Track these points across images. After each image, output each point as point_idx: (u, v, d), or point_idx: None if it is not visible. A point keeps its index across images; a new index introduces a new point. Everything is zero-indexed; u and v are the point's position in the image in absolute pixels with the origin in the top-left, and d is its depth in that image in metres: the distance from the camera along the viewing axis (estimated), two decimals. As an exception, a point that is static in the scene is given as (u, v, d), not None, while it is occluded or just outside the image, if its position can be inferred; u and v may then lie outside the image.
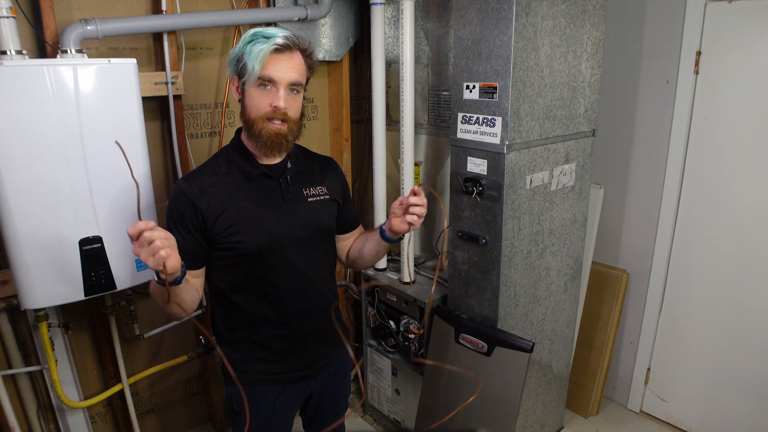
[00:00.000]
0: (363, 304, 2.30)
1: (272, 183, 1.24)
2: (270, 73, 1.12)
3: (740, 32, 1.92)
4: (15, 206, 1.37)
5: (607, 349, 2.39)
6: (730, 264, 2.09)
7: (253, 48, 1.11)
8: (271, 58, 1.12)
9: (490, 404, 1.76)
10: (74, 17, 1.67)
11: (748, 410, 2.13)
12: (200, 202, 1.16)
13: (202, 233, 1.18)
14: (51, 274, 1.46)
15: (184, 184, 1.18)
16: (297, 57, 1.16)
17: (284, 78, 1.13)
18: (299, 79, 1.16)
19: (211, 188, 1.18)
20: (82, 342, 1.94)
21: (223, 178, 1.20)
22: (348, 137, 2.42)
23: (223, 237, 1.18)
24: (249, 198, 1.21)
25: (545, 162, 1.76)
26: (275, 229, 1.22)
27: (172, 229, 1.15)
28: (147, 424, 2.18)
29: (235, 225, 1.18)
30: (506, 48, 1.53)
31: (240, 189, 1.21)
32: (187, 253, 1.15)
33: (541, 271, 1.90)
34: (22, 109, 1.34)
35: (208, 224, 1.17)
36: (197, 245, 1.18)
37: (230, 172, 1.22)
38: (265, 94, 1.14)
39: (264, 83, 1.13)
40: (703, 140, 2.08)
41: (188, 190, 1.17)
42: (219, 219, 1.17)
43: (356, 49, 2.40)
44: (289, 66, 1.14)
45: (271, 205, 1.23)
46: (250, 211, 1.20)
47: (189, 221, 1.16)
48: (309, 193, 1.30)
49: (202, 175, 1.20)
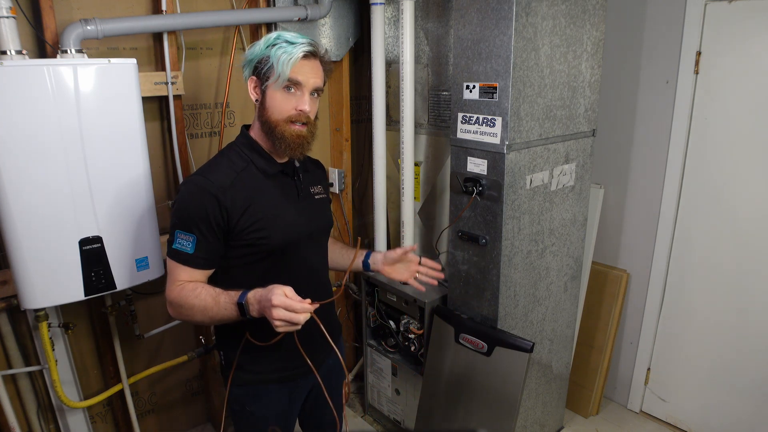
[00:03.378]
0: (363, 304, 2.30)
1: (289, 180, 1.28)
2: (298, 77, 1.15)
3: (740, 32, 1.92)
4: (15, 206, 1.37)
5: (607, 349, 2.39)
6: (730, 264, 2.09)
7: (279, 52, 1.14)
8: (300, 63, 1.15)
9: (490, 404, 1.76)
10: (74, 17, 1.67)
11: (748, 410, 2.13)
12: (225, 198, 1.15)
13: (224, 231, 1.17)
14: (51, 274, 1.46)
15: (203, 180, 1.16)
16: (318, 63, 1.20)
17: (310, 83, 1.17)
18: (321, 84, 1.21)
19: (232, 185, 1.17)
20: (82, 342, 1.94)
21: (242, 175, 1.20)
22: (348, 137, 2.42)
23: (247, 233, 1.18)
24: (270, 194, 1.23)
25: (545, 162, 1.76)
26: (295, 225, 1.26)
27: (191, 228, 1.14)
28: (147, 424, 2.18)
29: (259, 221, 1.19)
30: (506, 48, 1.53)
31: (260, 185, 1.22)
32: (209, 252, 1.17)
33: (541, 271, 1.90)
34: (22, 109, 1.34)
35: (232, 221, 1.16)
36: (218, 244, 1.18)
37: (247, 168, 1.22)
38: (289, 97, 1.17)
39: (289, 86, 1.16)
40: (703, 140, 2.08)
41: (211, 186, 1.15)
42: (244, 215, 1.17)
43: (356, 49, 2.40)
44: (314, 72, 1.18)
45: (290, 201, 1.27)
46: (272, 207, 1.22)
47: (213, 219, 1.14)
48: (315, 191, 1.36)
49: (219, 172, 1.19)
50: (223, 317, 1.12)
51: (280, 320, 1.01)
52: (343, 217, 2.50)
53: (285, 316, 1.00)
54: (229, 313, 1.10)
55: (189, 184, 1.17)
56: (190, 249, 1.14)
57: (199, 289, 1.14)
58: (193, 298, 1.13)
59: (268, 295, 1.02)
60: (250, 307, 1.08)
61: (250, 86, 1.22)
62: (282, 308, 1.00)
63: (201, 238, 1.14)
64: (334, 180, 2.44)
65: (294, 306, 1.00)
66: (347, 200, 2.50)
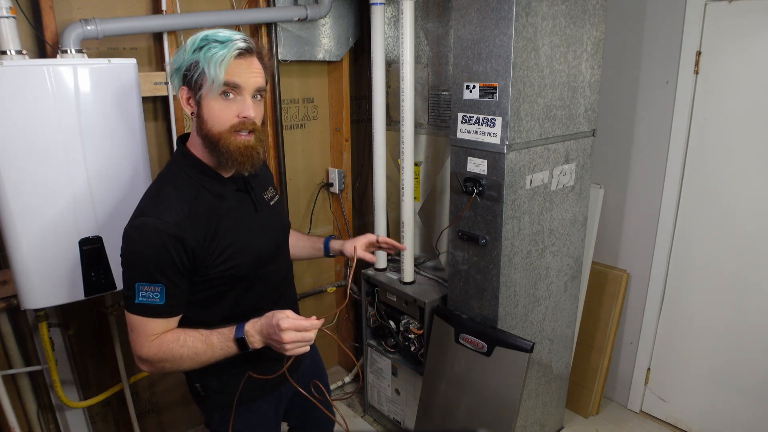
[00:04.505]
0: (363, 304, 2.30)
1: (243, 195, 1.17)
2: (235, 79, 1.01)
3: (740, 32, 1.91)
4: (15, 206, 1.37)
5: (607, 349, 2.39)
6: (730, 263, 2.09)
7: (209, 54, 1.00)
8: (235, 63, 1.01)
9: (490, 404, 1.76)
10: (74, 17, 1.66)
11: (748, 410, 2.13)
12: (187, 237, 1.02)
13: (189, 273, 1.06)
14: (51, 274, 1.46)
15: (158, 222, 1.01)
16: (255, 60, 1.06)
17: (250, 83, 1.04)
18: (263, 84, 1.08)
19: (189, 219, 1.04)
20: (82, 342, 1.93)
21: (195, 205, 1.07)
22: (348, 137, 2.42)
23: (214, 267, 1.08)
24: (230, 218, 1.12)
25: (545, 162, 1.76)
26: (260, 242, 1.17)
27: (156, 277, 1.02)
28: (147, 424, 2.18)
29: (227, 250, 1.09)
30: (506, 48, 1.53)
31: (218, 211, 1.10)
32: (180, 297, 1.07)
33: (541, 271, 1.90)
34: (22, 109, 1.34)
35: (198, 260, 1.06)
36: (185, 287, 1.07)
37: (199, 195, 1.08)
38: (229, 104, 1.03)
39: (227, 91, 1.02)
40: (703, 140, 2.08)
41: (169, 227, 1.01)
42: (210, 249, 1.07)
43: (356, 49, 2.40)
44: (252, 71, 1.04)
45: (249, 218, 1.17)
46: (235, 232, 1.12)
47: (179, 263, 1.03)
48: (267, 196, 1.26)
49: (171, 207, 1.04)
50: (218, 358, 1.07)
51: (292, 342, 1.00)
52: (343, 217, 2.50)
53: (297, 336, 0.99)
54: (225, 351, 1.06)
55: (142, 228, 1.02)
56: (160, 300, 1.03)
57: (182, 337, 1.06)
58: (179, 348, 1.05)
59: (273, 322, 1.01)
60: (251, 339, 1.04)
61: (183, 98, 1.07)
62: (292, 330, 0.99)
63: (170, 285, 1.03)
64: (334, 180, 2.44)
65: (304, 325, 1.00)
66: (347, 200, 2.50)
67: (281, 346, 1.01)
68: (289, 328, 0.99)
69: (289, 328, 0.99)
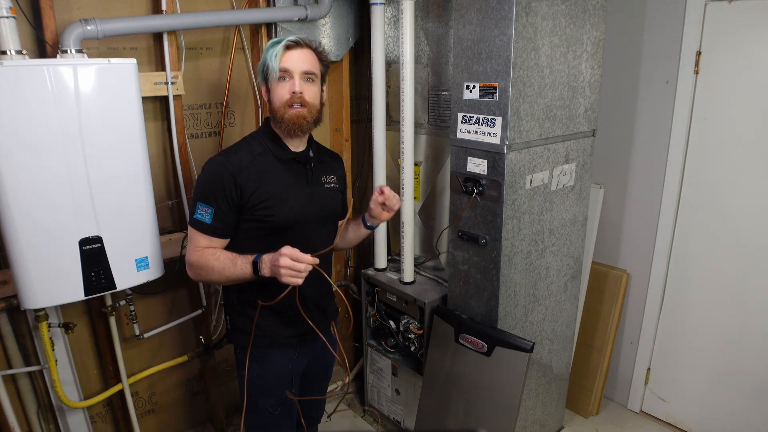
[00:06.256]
0: (363, 304, 2.30)
1: (300, 167, 1.43)
2: (285, 65, 1.32)
3: (740, 32, 1.92)
4: (15, 206, 1.37)
5: (607, 349, 2.39)
6: (730, 263, 2.09)
7: (269, 53, 1.33)
8: (285, 54, 1.32)
9: (490, 404, 1.76)
10: (74, 17, 1.66)
11: (748, 410, 2.13)
12: (240, 177, 1.31)
13: (237, 206, 1.32)
14: (51, 274, 1.46)
15: (223, 160, 1.33)
16: (307, 52, 1.35)
17: (297, 67, 1.32)
18: (311, 68, 1.34)
19: (248, 166, 1.33)
20: (82, 342, 1.93)
21: (258, 159, 1.36)
22: (348, 137, 2.42)
23: (255, 210, 1.33)
24: (280, 178, 1.38)
25: (545, 162, 1.76)
26: (300, 208, 1.40)
27: (209, 201, 1.30)
28: (147, 424, 2.18)
29: (267, 200, 1.34)
30: (506, 48, 1.53)
31: (273, 169, 1.37)
32: (225, 223, 1.33)
33: (541, 271, 1.90)
34: (22, 109, 1.34)
35: (244, 198, 1.32)
36: (232, 217, 1.34)
37: (264, 153, 1.38)
38: (284, 85, 1.33)
39: (283, 76, 1.32)
40: (703, 140, 2.08)
41: (229, 165, 1.31)
42: (254, 194, 1.32)
43: (356, 49, 2.40)
44: (301, 58, 1.33)
45: (299, 186, 1.41)
46: (280, 189, 1.37)
47: (228, 194, 1.30)
48: (325, 180, 1.49)
49: (238, 153, 1.35)
50: (238, 276, 1.30)
51: (285, 268, 1.17)
52: (343, 217, 2.50)
53: (290, 264, 1.17)
54: (244, 272, 1.28)
55: (212, 162, 1.34)
56: (209, 219, 1.31)
57: (218, 254, 1.32)
58: (214, 260, 1.31)
59: (279, 251, 1.20)
60: (262, 266, 1.25)
61: (262, 91, 1.39)
62: (288, 257, 1.18)
63: (218, 210, 1.31)
64: (334, 180, 2.44)
65: (299, 255, 1.18)
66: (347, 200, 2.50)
67: (278, 270, 1.19)
68: (286, 254, 1.18)
69: (287, 254, 1.18)
